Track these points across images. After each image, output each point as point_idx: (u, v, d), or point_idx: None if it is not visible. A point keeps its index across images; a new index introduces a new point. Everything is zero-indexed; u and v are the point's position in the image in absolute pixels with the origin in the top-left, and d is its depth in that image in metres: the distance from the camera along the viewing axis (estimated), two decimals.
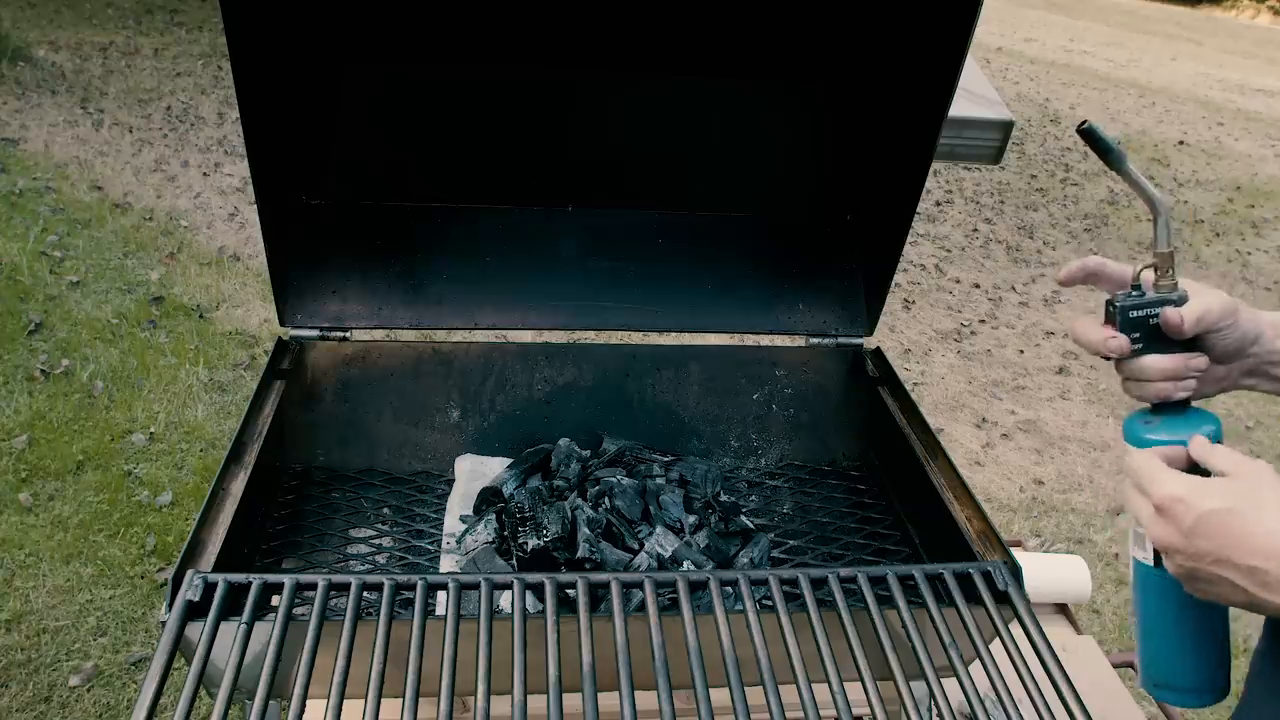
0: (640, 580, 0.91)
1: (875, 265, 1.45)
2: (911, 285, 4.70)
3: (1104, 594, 2.79)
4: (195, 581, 0.86)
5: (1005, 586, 0.95)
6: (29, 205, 4.19)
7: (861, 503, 1.47)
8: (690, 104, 1.37)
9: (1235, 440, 3.75)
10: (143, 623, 2.23)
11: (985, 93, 1.91)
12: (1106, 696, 1.43)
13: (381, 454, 1.47)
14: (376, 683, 0.79)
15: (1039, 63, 11.64)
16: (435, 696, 0.77)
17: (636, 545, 1.27)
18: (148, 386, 3.10)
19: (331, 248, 1.39)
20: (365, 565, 1.27)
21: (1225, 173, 7.71)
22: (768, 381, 1.53)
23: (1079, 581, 1.57)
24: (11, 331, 3.24)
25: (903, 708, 0.82)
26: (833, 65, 1.35)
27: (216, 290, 3.79)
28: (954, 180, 6.38)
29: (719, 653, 0.84)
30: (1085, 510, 3.18)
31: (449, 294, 1.43)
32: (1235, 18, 22.93)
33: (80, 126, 5.23)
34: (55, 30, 6.90)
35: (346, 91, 1.30)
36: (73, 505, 2.54)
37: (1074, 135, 8.00)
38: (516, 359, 1.47)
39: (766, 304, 1.50)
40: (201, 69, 6.53)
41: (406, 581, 0.89)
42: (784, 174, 1.47)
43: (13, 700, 1.99)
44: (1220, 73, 13.06)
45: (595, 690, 0.79)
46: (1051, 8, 18.20)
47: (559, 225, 1.44)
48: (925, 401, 3.67)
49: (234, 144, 5.25)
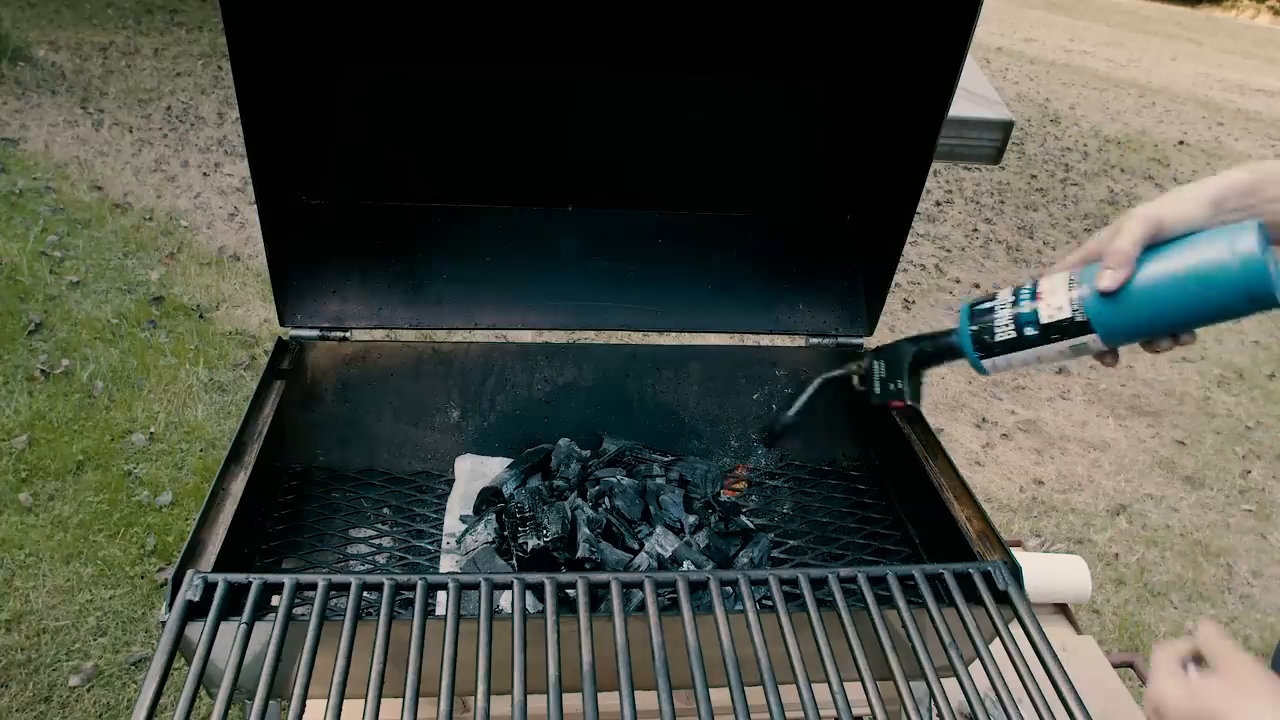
0: (640, 580, 0.91)
1: (875, 265, 1.45)
2: (911, 285, 4.70)
3: (1104, 594, 2.79)
4: (195, 581, 0.86)
5: (1005, 586, 0.95)
6: (29, 205, 4.19)
7: (861, 503, 1.47)
8: (690, 104, 1.37)
9: (1235, 440, 3.75)
10: (143, 623, 2.23)
11: (985, 93, 1.92)
12: (1106, 696, 1.43)
13: (381, 454, 1.47)
14: (376, 683, 0.79)
15: (1039, 63, 11.64)
16: (435, 696, 0.77)
17: (636, 545, 1.27)
18: (148, 386, 3.10)
19: (331, 248, 1.39)
20: (365, 565, 1.27)
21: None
22: (768, 381, 1.53)
23: (1079, 581, 1.56)
24: (11, 331, 3.24)
25: (903, 708, 0.82)
26: (833, 65, 1.35)
27: (216, 290, 3.79)
28: (954, 180, 6.38)
29: (719, 653, 0.84)
30: (1085, 510, 3.18)
31: (449, 294, 1.43)
32: (1235, 18, 22.93)
33: (80, 126, 5.23)
34: (55, 30, 6.90)
35: (346, 91, 1.30)
36: (73, 505, 2.54)
37: (1074, 135, 7.98)
38: (516, 359, 1.47)
39: (766, 304, 1.50)
40: (201, 69, 6.53)
41: (406, 581, 0.89)
42: (784, 174, 1.47)
43: (13, 700, 1.99)
44: (1220, 73, 13.06)
45: (595, 690, 0.79)
46: (1051, 8, 18.20)
47: (559, 225, 1.44)
48: (925, 401, 3.67)
49: (234, 144, 5.25)
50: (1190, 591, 2.86)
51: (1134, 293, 0.90)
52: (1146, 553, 3.01)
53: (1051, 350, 0.96)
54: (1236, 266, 0.84)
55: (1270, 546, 3.13)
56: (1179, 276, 0.88)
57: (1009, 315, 0.98)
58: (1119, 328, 0.92)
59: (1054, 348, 0.96)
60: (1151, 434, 3.73)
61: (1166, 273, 0.89)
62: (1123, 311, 0.91)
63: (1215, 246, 0.86)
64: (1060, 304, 0.94)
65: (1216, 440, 3.74)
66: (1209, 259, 0.86)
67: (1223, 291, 0.86)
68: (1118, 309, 0.91)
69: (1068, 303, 0.93)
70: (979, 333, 1.01)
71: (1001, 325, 0.99)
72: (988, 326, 1.00)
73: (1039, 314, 0.96)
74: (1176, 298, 0.88)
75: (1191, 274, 0.87)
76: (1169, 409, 3.94)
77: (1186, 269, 0.87)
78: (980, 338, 1.01)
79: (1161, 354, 0.97)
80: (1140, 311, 0.90)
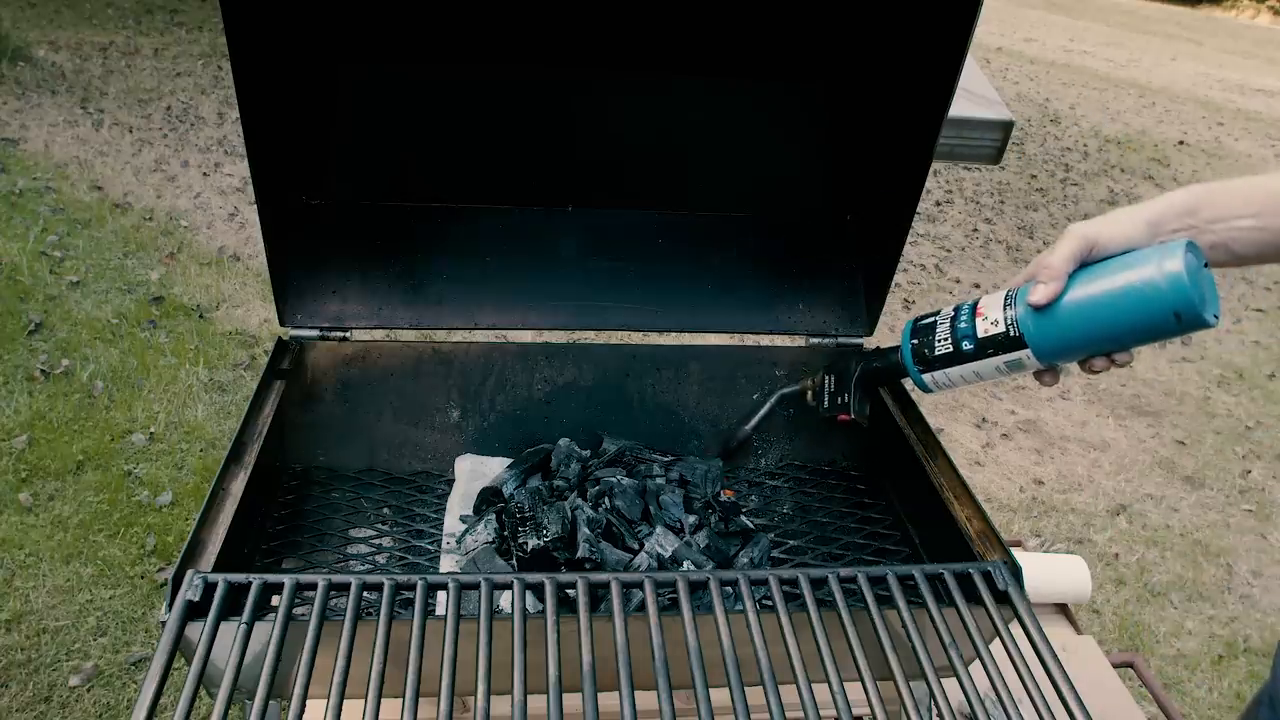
0: (640, 580, 0.91)
1: (875, 265, 1.45)
2: (911, 285, 4.70)
3: (1104, 594, 2.79)
4: (195, 581, 0.86)
5: (1005, 586, 0.95)
6: (29, 205, 4.19)
7: (861, 503, 1.47)
8: (691, 104, 1.37)
9: (1235, 440, 3.75)
10: (143, 623, 2.23)
11: (985, 93, 1.92)
12: (1106, 696, 1.43)
13: (381, 454, 1.47)
14: (376, 683, 0.78)
15: (1039, 63, 11.64)
16: (435, 696, 0.77)
17: (636, 545, 1.27)
18: (148, 386, 3.10)
19: (331, 248, 1.39)
20: (365, 565, 1.27)
21: (1225, 173, 7.71)
22: (768, 381, 1.53)
23: (1079, 581, 1.56)
24: (11, 331, 3.24)
25: (903, 708, 0.82)
26: (833, 65, 1.35)
27: (216, 290, 3.79)
28: (954, 180, 6.38)
29: (719, 653, 0.84)
30: (1085, 510, 3.18)
31: (449, 294, 1.43)
32: (1235, 18, 22.93)
33: (80, 126, 5.23)
34: (55, 30, 6.90)
35: (347, 91, 1.30)
36: (73, 505, 2.54)
37: (1074, 135, 7.98)
38: (516, 359, 1.47)
39: (766, 304, 1.50)
40: (201, 69, 6.53)
41: (406, 581, 0.89)
42: (784, 174, 1.47)
43: (13, 700, 1.99)
44: (1220, 73, 13.06)
45: (595, 690, 0.79)
46: (1051, 8, 18.20)
47: (559, 225, 1.44)
48: (925, 401, 3.67)
49: (234, 144, 5.25)
50: (1190, 591, 2.86)
51: (1064, 309, 0.91)
52: (1146, 553, 3.01)
53: (988, 365, 0.97)
54: (1163, 285, 0.85)
55: (1270, 546, 3.13)
56: (1108, 294, 0.88)
57: (947, 330, 1.00)
58: (1050, 344, 0.93)
59: (990, 363, 0.97)
60: (1151, 434, 3.73)
61: (1096, 290, 0.89)
62: (1054, 327, 0.92)
63: (1144, 265, 0.87)
64: (996, 318, 0.95)
65: (1216, 440, 3.74)
66: (1137, 277, 0.87)
67: (1150, 310, 0.86)
68: (1049, 324, 0.92)
69: (1003, 318, 0.95)
70: (919, 347, 1.03)
71: (940, 340, 1.00)
72: (928, 341, 1.02)
73: (975, 329, 0.97)
74: (1105, 315, 0.89)
75: (1120, 292, 0.88)
76: (1169, 409, 3.94)
77: (1115, 287, 0.88)
78: (920, 351, 1.03)
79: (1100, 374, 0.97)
80: (1071, 328, 0.91)
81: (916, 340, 1.04)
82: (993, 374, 0.98)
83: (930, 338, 1.02)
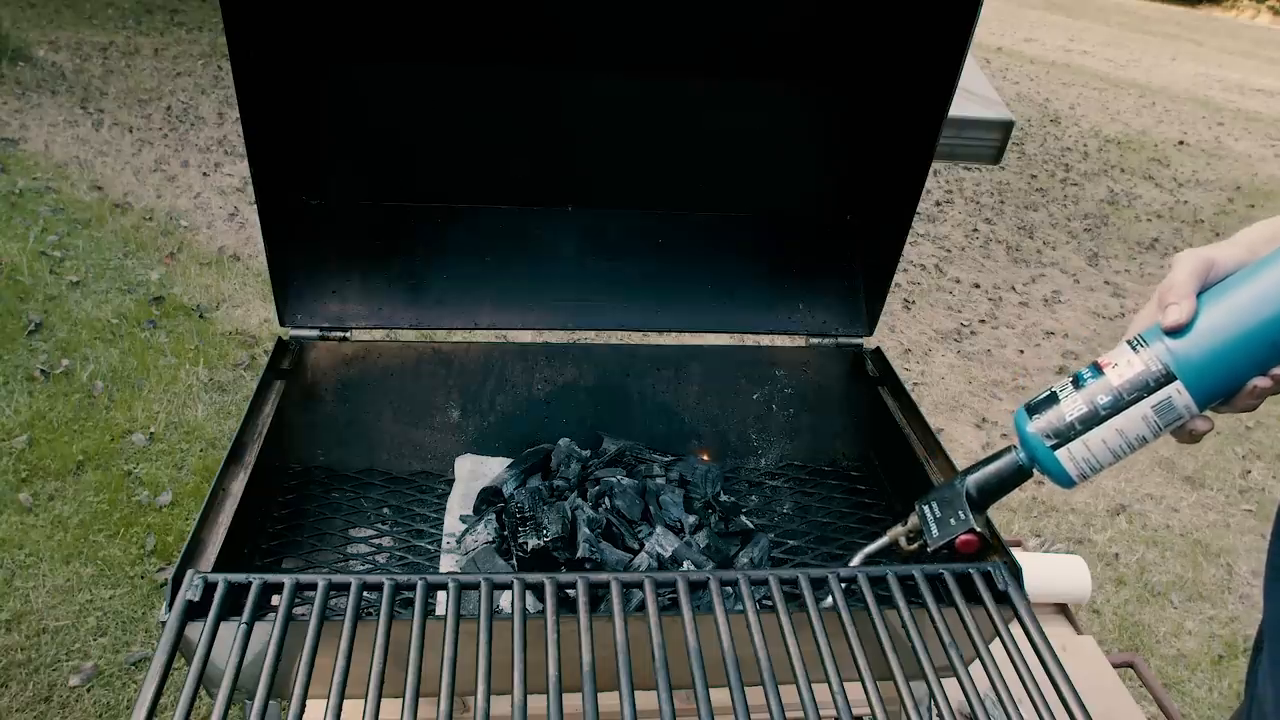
0: (640, 580, 0.91)
1: (875, 265, 1.45)
2: (911, 285, 4.70)
3: (1104, 594, 2.79)
4: (195, 581, 0.86)
5: (1005, 586, 0.95)
6: (29, 205, 4.19)
7: (861, 503, 1.47)
8: (690, 104, 1.37)
9: (1235, 440, 3.75)
10: (143, 623, 2.23)
11: (985, 93, 1.92)
12: (1106, 696, 1.43)
13: (381, 454, 1.47)
14: (376, 683, 0.78)
15: (1039, 63, 11.64)
16: (435, 696, 0.77)
17: (636, 545, 1.27)
18: (148, 386, 3.10)
19: (331, 247, 1.39)
20: (365, 565, 1.27)
21: (1225, 173, 7.71)
22: (768, 381, 1.53)
23: (1079, 581, 1.56)
24: (11, 331, 3.24)
25: (903, 708, 0.82)
26: (833, 65, 1.35)
27: (216, 290, 3.78)
28: (954, 180, 6.38)
29: (719, 653, 0.84)
30: (1085, 510, 3.18)
31: (449, 294, 1.43)
32: (1235, 18, 22.92)
33: (80, 126, 5.23)
34: (55, 30, 6.90)
35: (347, 91, 1.30)
36: (73, 505, 2.54)
37: (1074, 135, 7.96)
38: (516, 359, 1.47)
39: (767, 304, 1.50)
40: (201, 69, 6.52)
41: (406, 581, 0.89)
42: (784, 174, 1.47)
43: (13, 700, 1.99)
44: (1220, 73, 13.06)
45: (595, 690, 0.79)
46: (1051, 8, 18.20)
47: (559, 225, 1.44)
48: (925, 401, 3.67)
49: (234, 144, 5.25)
50: (1190, 591, 2.86)
51: (1207, 325, 0.82)
52: (1146, 553, 3.01)
53: (1134, 417, 0.85)
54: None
55: None
56: (1257, 296, 0.80)
57: (1071, 391, 0.89)
58: (1203, 366, 0.82)
59: (1136, 412, 0.85)
60: None
61: (1241, 298, 0.82)
62: (1200, 348, 0.82)
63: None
64: (1128, 360, 0.85)
65: (1216, 440, 3.74)
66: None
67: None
68: (1193, 348, 0.82)
69: (1137, 359, 0.85)
70: (1042, 422, 0.89)
71: (1068, 402, 0.88)
72: (1053, 410, 0.89)
73: (1108, 379, 0.86)
74: (1261, 318, 0.80)
75: (1274, 285, 0.80)
76: None
77: (1268, 287, 0.80)
78: (1046, 426, 0.89)
79: (1259, 404, 0.85)
80: (1220, 341, 0.82)
81: (1037, 416, 0.90)
82: (1139, 430, 0.86)
83: (1054, 405, 0.89)
